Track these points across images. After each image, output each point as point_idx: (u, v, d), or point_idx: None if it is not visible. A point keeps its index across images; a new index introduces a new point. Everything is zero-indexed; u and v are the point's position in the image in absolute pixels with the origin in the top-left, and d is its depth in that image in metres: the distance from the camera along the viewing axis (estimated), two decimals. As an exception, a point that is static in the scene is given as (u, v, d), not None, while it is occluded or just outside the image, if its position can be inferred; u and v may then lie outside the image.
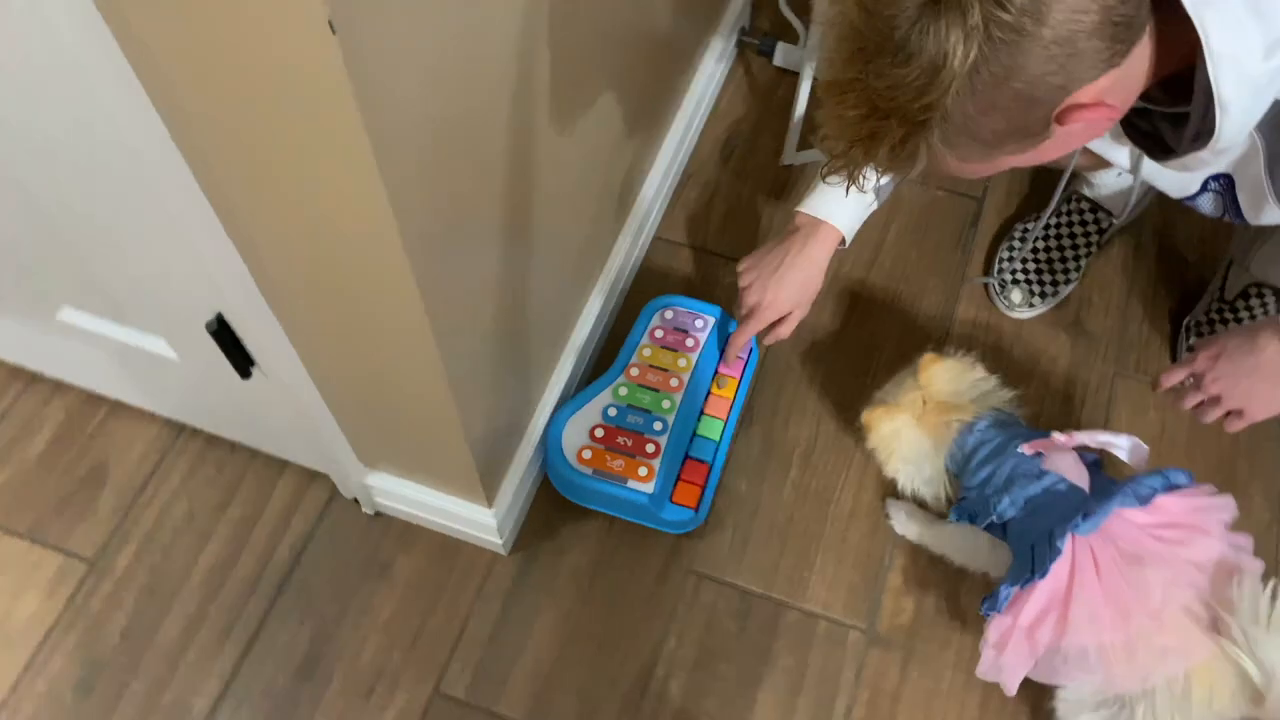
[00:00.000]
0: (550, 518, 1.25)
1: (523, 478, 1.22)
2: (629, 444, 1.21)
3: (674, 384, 1.25)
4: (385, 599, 1.21)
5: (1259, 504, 1.23)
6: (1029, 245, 1.35)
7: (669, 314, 1.31)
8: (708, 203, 1.50)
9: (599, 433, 1.22)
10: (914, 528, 1.21)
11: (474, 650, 1.18)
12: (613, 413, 1.23)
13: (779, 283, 1.15)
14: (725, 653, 1.17)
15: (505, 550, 1.23)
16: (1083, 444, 1.03)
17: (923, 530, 1.20)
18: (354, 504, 1.28)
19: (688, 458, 1.21)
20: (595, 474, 1.20)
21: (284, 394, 1.06)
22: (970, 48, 0.63)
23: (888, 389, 1.15)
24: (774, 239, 1.19)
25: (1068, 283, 1.35)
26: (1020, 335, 1.36)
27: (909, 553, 1.22)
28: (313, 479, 1.29)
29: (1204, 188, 0.96)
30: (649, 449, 1.21)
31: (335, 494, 1.28)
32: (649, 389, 1.25)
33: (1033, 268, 1.36)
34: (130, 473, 1.31)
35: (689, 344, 1.28)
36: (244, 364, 1.04)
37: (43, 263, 1.05)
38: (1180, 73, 0.73)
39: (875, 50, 0.67)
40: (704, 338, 1.29)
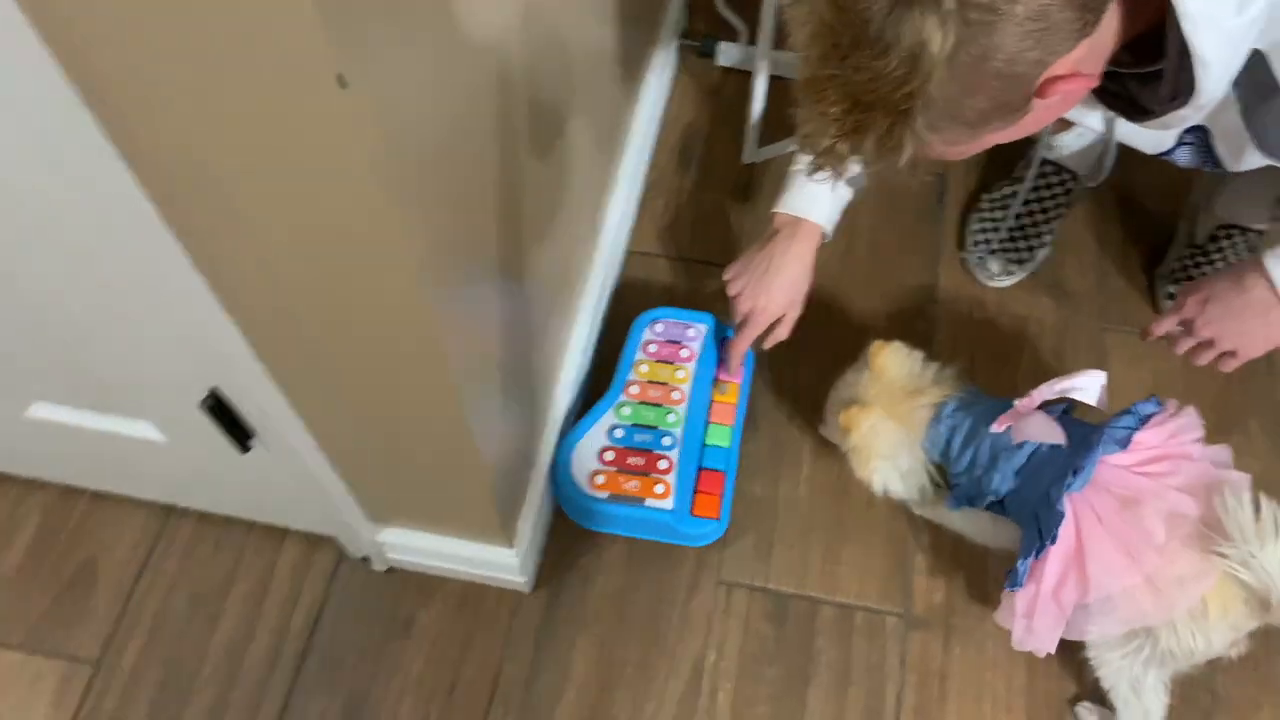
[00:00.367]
0: (569, 547, 1.23)
1: (538, 511, 1.20)
2: (641, 463, 1.20)
3: (676, 396, 1.24)
4: (413, 655, 1.18)
5: (1258, 436, 1.26)
6: (1009, 220, 1.37)
7: (659, 327, 1.30)
8: (675, 210, 1.49)
9: (609, 455, 1.20)
10: (931, 511, 1.21)
11: (514, 693, 1.15)
12: (619, 433, 1.22)
13: (769, 286, 1.15)
14: (768, 658, 1.16)
15: (529, 588, 1.21)
16: (1044, 400, 1.03)
17: (940, 514, 1.20)
18: (364, 563, 1.24)
19: (702, 468, 1.20)
20: (612, 498, 1.18)
21: (286, 463, 1.02)
22: (948, 33, 0.64)
23: (842, 387, 1.15)
24: (755, 243, 1.18)
25: (1042, 246, 1.38)
26: (1005, 304, 1.38)
27: (932, 532, 1.23)
28: (317, 543, 1.25)
29: (1179, 142, 0.98)
30: (662, 465, 1.19)
31: (343, 555, 1.25)
32: (652, 405, 1.24)
33: (1006, 235, 1.38)
34: (122, 564, 1.25)
35: (684, 355, 1.27)
36: (243, 438, 1.00)
37: (10, 356, 0.99)
38: (1145, 32, 0.75)
39: (851, 45, 0.67)
40: (698, 347, 1.28)
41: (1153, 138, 0.99)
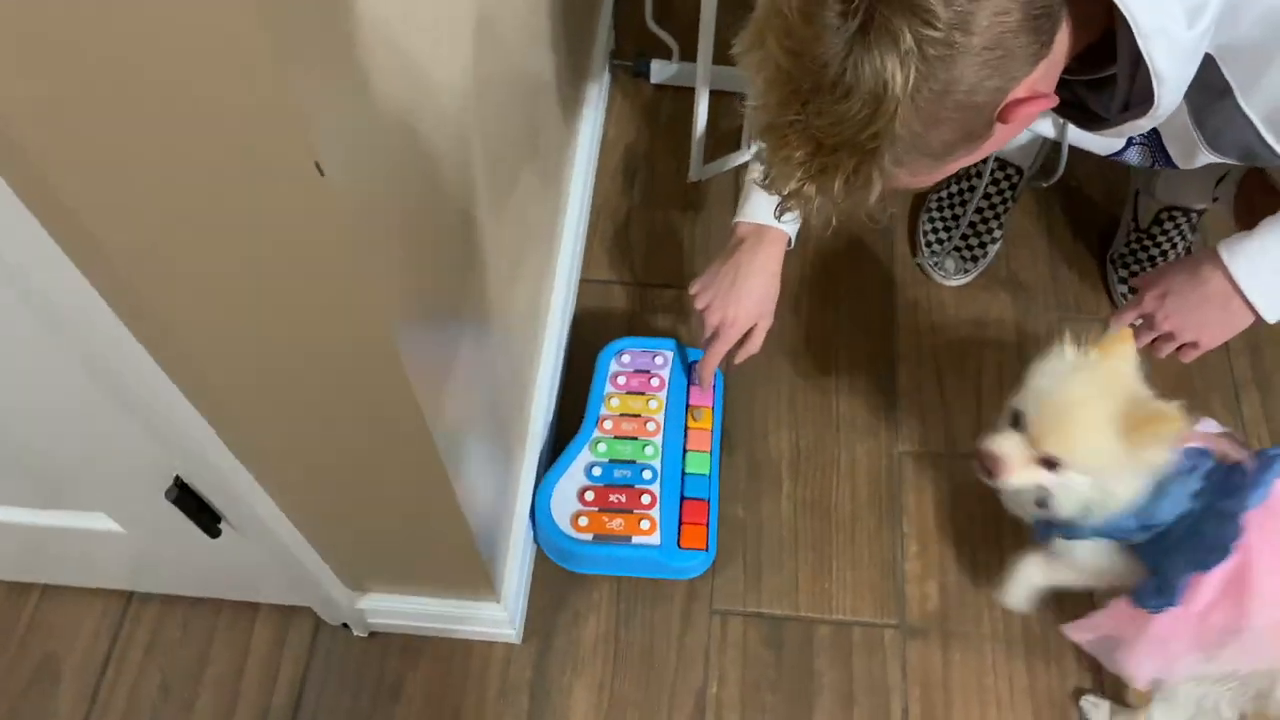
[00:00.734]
0: (556, 593, 1.20)
1: (521, 560, 1.17)
2: (623, 500, 1.17)
3: (651, 428, 1.22)
4: (405, 721, 1.14)
5: (1220, 412, 1.29)
6: (965, 219, 1.38)
7: (625, 358, 1.28)
8: (624, 234, 1.47)
9: (589, 495, 1.18)
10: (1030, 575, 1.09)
11: (514, 750, 1.12)
12: (597, 472, 1.19)
13: (738, 298, 1.13)
14: (769, 684, 1.15)
15: (519, 639, 1.17)
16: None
17: (1039, 573, 1.08)
18: (344, 629, 1.19)
19: (685, 499, 1.18)
20: (597, 539, 1.15)
21: (259, 542, 0.98)
22: (908, 71, 0.64)
23: (1044, 372, 0.93)
24: (718, 256, 1.17)
25: (993, 242, 1.39)
26: (963, 301, 1.39)
27: (918, 538, 1.23)
28: (292, 614, 1.20)
29: (1129, 143, 0.99)
30: (644, 500, 1.17)
31: (320, 624, 1.20)
32: (628, 439, 1.21)
33: (958, 234, 1.39)
34: (84, 658, 1.19)
35: (654, 384, 1.25)
36: (211, 523, 0.95)
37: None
38: (1094, 42, 0.75)
39: (812, 90, 0.67)
40: (667, 374, 1.26)
41: (1103, 140, 1.00)
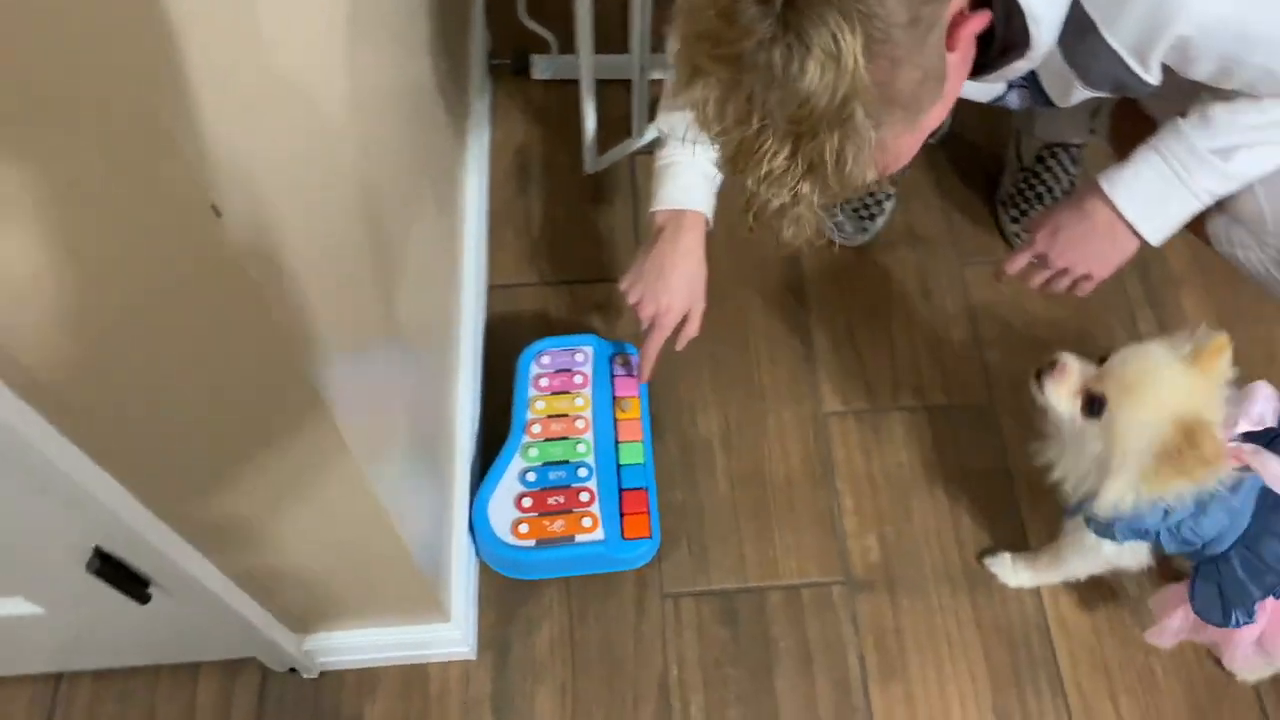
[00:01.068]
0: (505, 604, 1.19)
1: (466, 576, 1.16)
2: (561, 501, 1.17)
3: (580, 425, 1.22)
4: (370, 756, 1.12)
5: (1120, 334, 1.35)
6: None
7: (545, 359, 1.27)
8: (527, 236, 1.46)
9: (526, 502, 1.17)
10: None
11: (485, 766, 1.11)
12: (531, 477, 1.18)
13: (667, 286, 1.13)
14: (728, 658, 1.16)
15: (474, 654, 1.16)
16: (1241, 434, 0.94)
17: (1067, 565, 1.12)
18: (292, 674, 1.16)
19: (623, 490, 1.18)
20: (540, 544, 1.15)
21: (193, 601, 0.94)
22: (851, 19, 0.65)
23: (1137, 366, 0.92)
24: (642, 248, 1.16)
25: (888, 198, 1.42)
26: (865, 260, 1.42)
27: (852, 494, 1.26)
28: (236, 668, 1.16)
29: (1009, 87, 1.02)
30: (583, 498, 1.17)
31: (268, 672, 1.16)
32: (558, 440, 1.21)
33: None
34: (19, 747, 1.13)
35: (578, 381, 1.25)
36: (139, 590, 0.91)
37: None
38: None
39: (765, 85, 0.67)
40: (590, 370, 1.26)
41: (986, 88, 1.03)
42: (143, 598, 0.90)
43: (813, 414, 1.31)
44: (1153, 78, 0.86)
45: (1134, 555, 1.04)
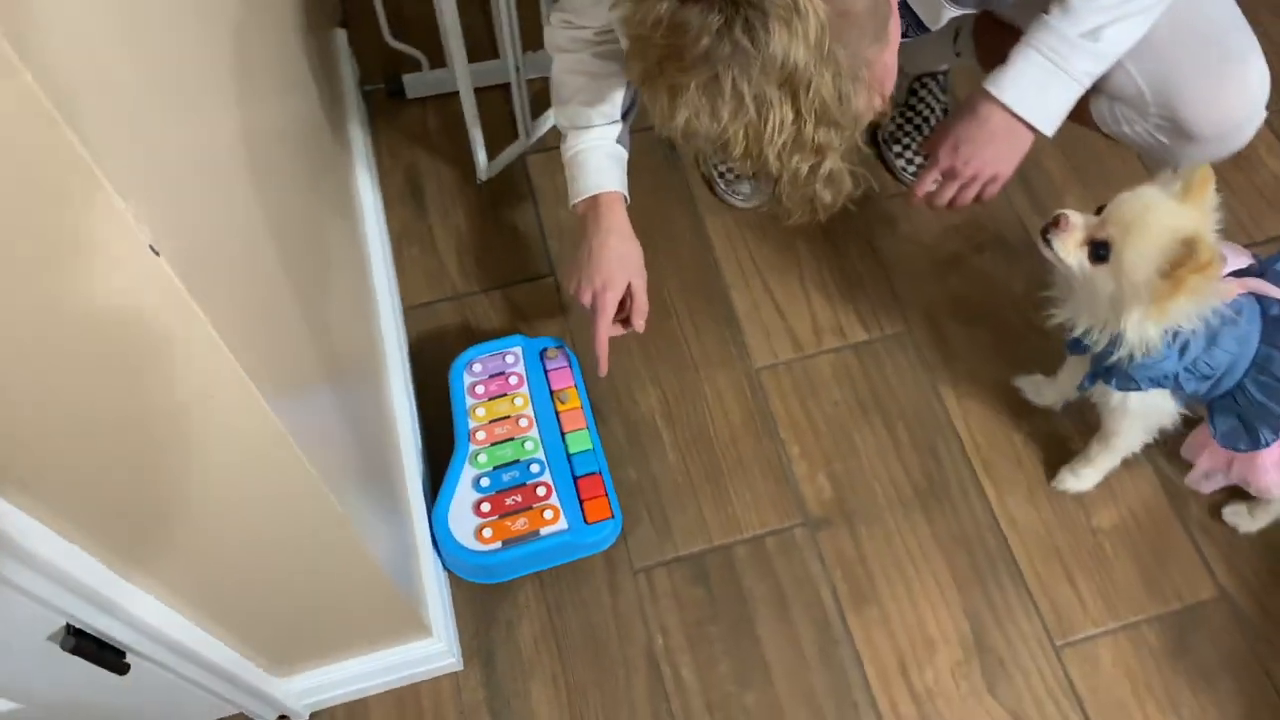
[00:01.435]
0: (479, 610, 1.20)
1: (439, 590, 1.16)
2: (519, 499, 1.18)
3: (524, 424, 1.23)
4: (378, 786, 1.12)
5: (1014, 246, 1.43)
6: None
7: (476, 367, 1.28)
8: (433, 252, 1.47)
9: (485, 507, 1.18)
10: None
11: (493, 770, 1.12)
12: (485, 482, 1.19)
13: (599, 268, 1.14)
14: (708, 617, 1.19)
15: (461, 665, 1.17)
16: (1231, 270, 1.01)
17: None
18: (283, 722, 1.16)
19: (578, 478, 1.20)
20: (506, 544, 1.16)
21: (173, 664, 0.93)
22: None
23: (1134, 205, 0.96)
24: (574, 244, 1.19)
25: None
26: (769, 218, 1.47)
27: (796, 440, 1.30)
28: (225, 727, 1.15)
29: None
30: (540, 492, 1.19)
31: (258, 725, 1.15)
32: (504, 442, 1.22)
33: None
34: None
35: (513, 381, 1.26)
36: (117, 661, 0.89)
37: None
38: None
39: (744, 68, 0.70)
40: (523, 369, 1.27)
41: None
42: (120, 668, 0.89)
43: (745, 372, 1.35)
44: None
45: (1161, 406, 1.08)
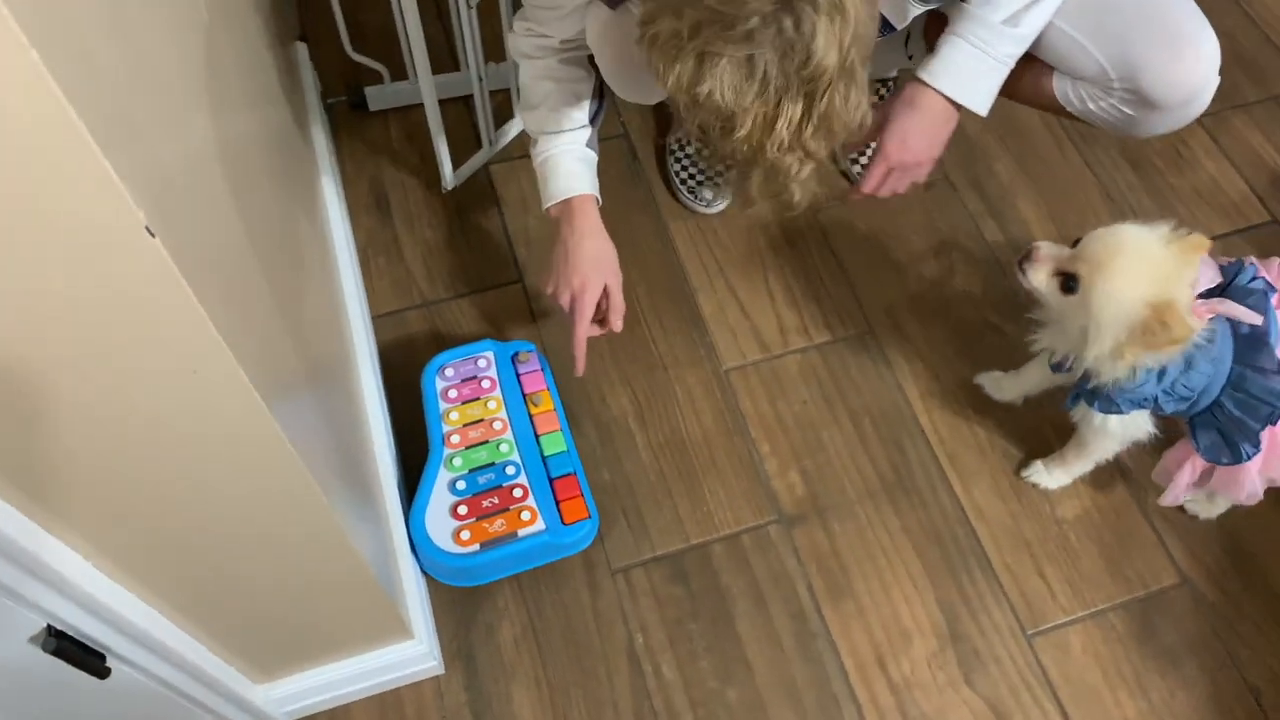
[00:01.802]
0: (459, 614, 1.20)
1: (418, 594, 1.16)
2: (496, 501, 1.18)
3: (498, 426, 1.24)
4: (360, 795, 1.11)
5: (968, 244, 1.47)
6: (690, 149, 1.48)
7: (448, 372, 1.28)
8: (400, 262, 1.47)
9: (462, 510, 1.18)
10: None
11: (477, 775, 1.12)
12: (461, 485, 1.19)
13: (575, 269, 1.16)
14: (688, 615, 1.20)
15: (443, 669, 1.16)
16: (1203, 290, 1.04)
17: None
18: (261, 734, 1.14)
19: (553, 479, 1.21)
20: (484, 547, 1.16)
21: (155, 667, 0.91)
22: None
23: (1109, 243, 1.00)
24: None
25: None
26: (730, 223, 1.50)
27: (767, 438, 1.32)
28: (199, 743, 1.13)
29: None
30: (517, 494, 1.19)
31: (234, 740, 1.13)
32: (478, 445, 1.22)
33: (703, 164, 1.49)
34: None
35: (486, 385, 1.27)
36: (98, 664, 0.88)
37: None
38: None
39: (782, 55, 0.72)
40: (494, 373, 1.28)
41: None
42: (101, 671, 0.87)
43: (714, 373, 1.37)
44: None
45: (1140, 425, 1.13)
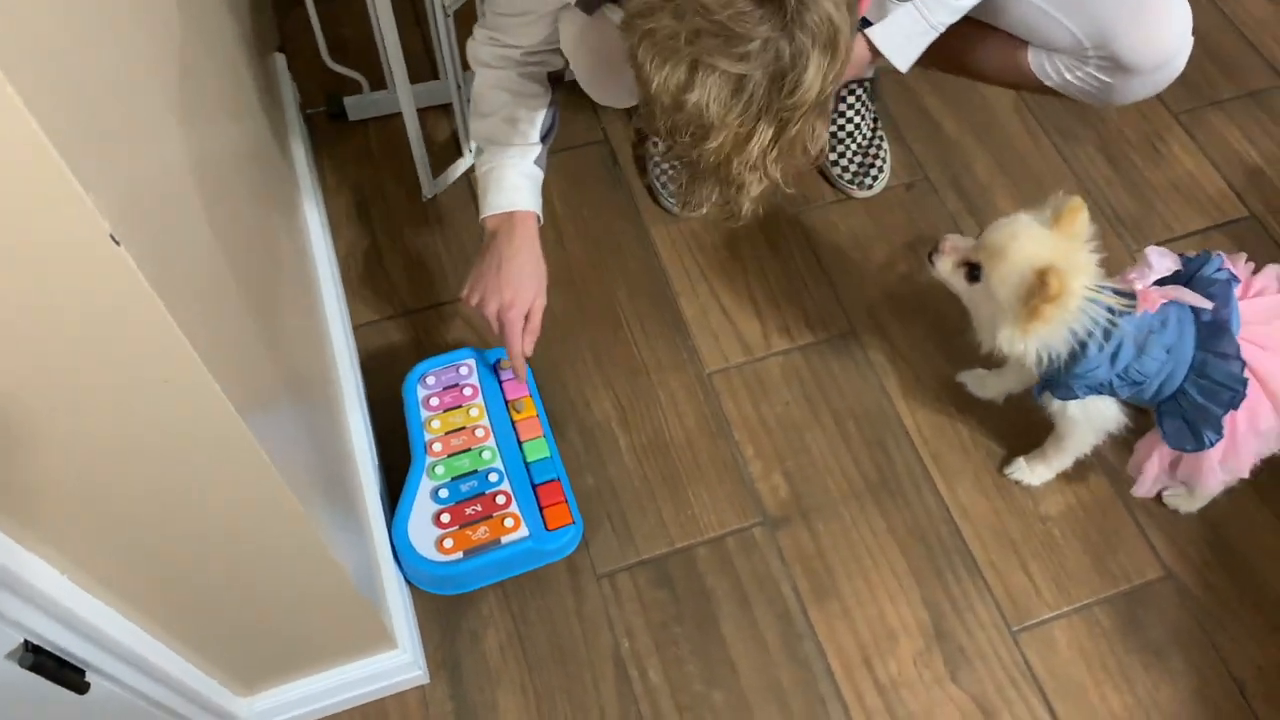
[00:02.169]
0: (443, 622, 1.20)
1: (402, 603, 1.16)
2: (479, 509, 1.18)
3: (480, 434, 1.23)
4: (346, 807, 1.10)
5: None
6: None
7: (430, 380, 1.28)
8: (380, 271, 1.47)
9: (445, 518, 1.17)
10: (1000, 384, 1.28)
11: (464, 784, 1.11)
12: (444, 493, 1.19)
13: (509, 280, 1.15)
14: (673, 619, 1.20)
15: (427, 679, 1.16)
16: (1158, 278, 1.05)
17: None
18: (244, 747, 1.13)
19: (537, 485, 1.21)
20: (468, 554, 1.16)
21: (135, 681, 0.91)
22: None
23: (1010, 234, 1.04)
24: (478, 255, 1.20)
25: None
26: (710, 226, 1.50)
27: (750, 441, 1.32)
28: (184, 758, 1.12)
29: None
30: (500, 500, 1.19)
31: (218, 754, 1.13)
32: (461, 453, 1.22)
33: (657, 156, 1.48)
34: None
35: (467, 393, 1.26)
36: (77, 679, 0.87)
37: None
38: None
39: (773, 80, 0.72)
40: (476, 381, 1.27)
41: None
42: (80, 687, 0.87)
43: (697, 376, 1.37)
44: None
45: (1106, 414, 1.14)
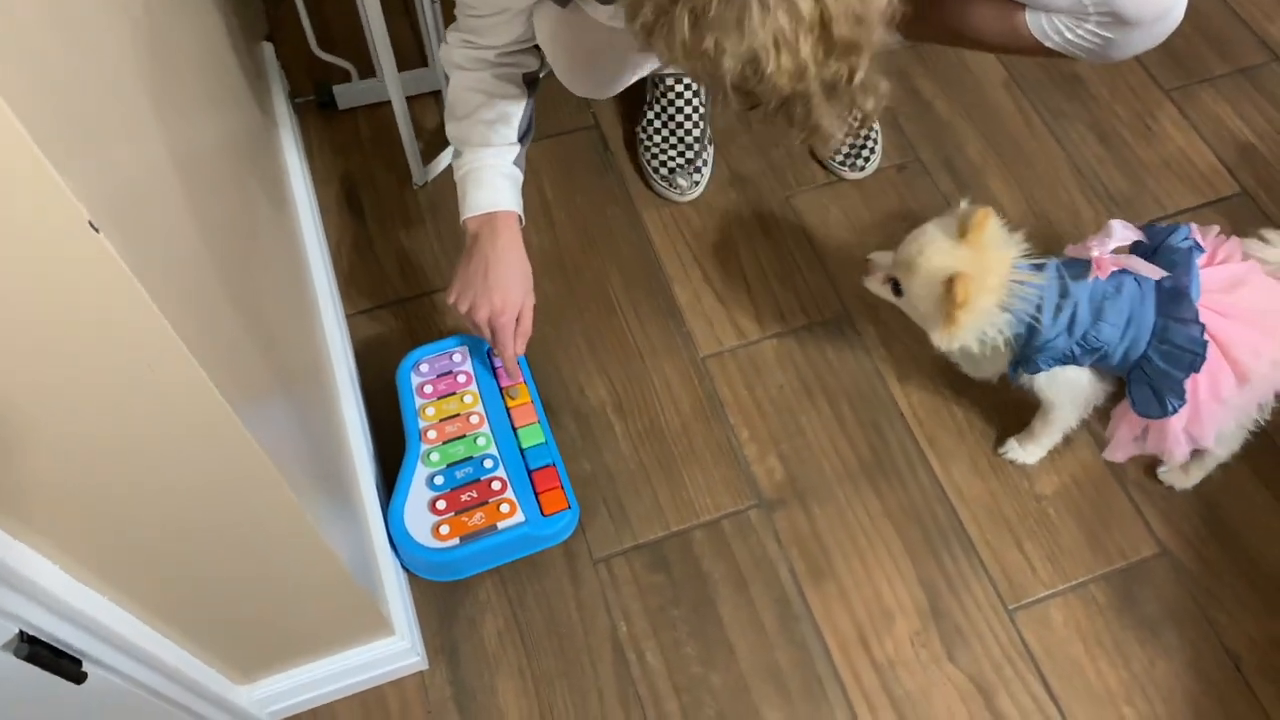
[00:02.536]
0: (440, 609, 1.20)
1: (399, 590, 1.16)
2: (475, 495, 1.18)
3: (474, 420, 1.23)
4: (346, 793, 1.10)
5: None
6: (677, 137, 1.48)
7: (423, 367, 1.28)
8: (372, 259, 1.46)
9: (440, 504, 1.17)
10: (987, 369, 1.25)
11: (464, 768, 1.11)
12: (439, 480, 1.19)
13: (499, 284, 1.16)
14: (670, 602, 1.20)
15: (426, 664, 1.16)
16: (1115, 247, 1.08)
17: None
18: (244, 737, 1.13)
19: (532, 471, 1.21)
20: (464, 540, 1.16)
21: (133, 671, 0.91)
22: None
23: (920, 247, 1.09)
24: (462, 258, 1.19)
25: (706, 148, 1.50)
26: (704, 210, 1.50)
27: (745, 424, 1.32)
28: (183, 748, 1.12)
29: None
30: (495, 486, 1.19)
31: (218, 743, 1.13)
32: (456, 439, 1.22)
33: (675, 152, 1.49)
34: None
35: (461, 380, 1.26)
36: (74, 669, 0.87)
37: None
38: None
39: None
40: (470, 368, 1.27)
41: None
42: (77, 677, 0.86)
43: (691, 361, 1.37)
44: None
45: (1080, 383, 1.16)
